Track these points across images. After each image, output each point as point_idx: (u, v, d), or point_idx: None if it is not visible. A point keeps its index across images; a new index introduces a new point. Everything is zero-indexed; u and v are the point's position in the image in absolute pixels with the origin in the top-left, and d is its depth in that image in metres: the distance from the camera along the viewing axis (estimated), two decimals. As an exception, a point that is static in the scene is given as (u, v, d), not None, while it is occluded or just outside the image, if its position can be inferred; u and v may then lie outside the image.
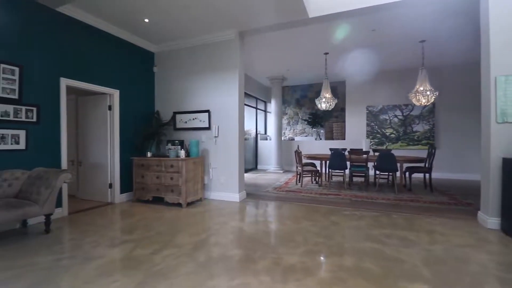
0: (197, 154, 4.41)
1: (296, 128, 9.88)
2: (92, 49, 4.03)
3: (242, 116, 4.63)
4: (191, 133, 4.86)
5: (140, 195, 4.41)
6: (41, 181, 2.99)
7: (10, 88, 3.09)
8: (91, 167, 4.60)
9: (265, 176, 7.56)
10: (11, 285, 1.88)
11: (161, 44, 5.03)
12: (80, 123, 4.74)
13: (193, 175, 4.28)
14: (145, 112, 5.00)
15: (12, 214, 2.59)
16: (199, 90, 4.79)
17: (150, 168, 4.30)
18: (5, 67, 3.04)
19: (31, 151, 3.29)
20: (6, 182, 2.97)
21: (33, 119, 3.30)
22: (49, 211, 2.93)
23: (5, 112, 3.05)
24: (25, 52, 3.23)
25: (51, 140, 3.52)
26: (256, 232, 2.96)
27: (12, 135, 3.11)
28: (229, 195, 4.52)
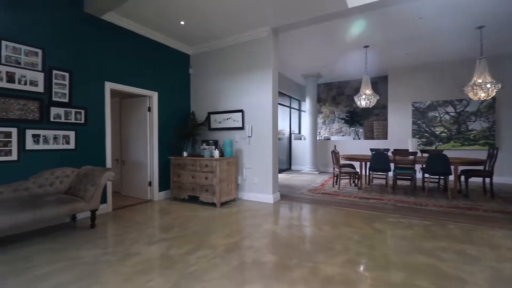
0: (231, 154, 4.39)
1: (332, 127, 9.46)
2: (132, 54, 4.23)
3: (276, 115, 4.50)
4: (225, 133, 4.86)
5: (177, 194, 4.53)
6: (88, 179, 3.19)
7: (61, 92, 3.35)
8: (132, 165, 4.85)
9: (299, 177, 7.34)
10: (59, 278, 1.99)
11: (196, 46, 5.12)
12: (123, 124, 5.04)
13: (227, 175, 4.26)
14: (181, 113, 5.13)
15: (62, 210, 2.79)
16: (233, 90, 4.77)
17: (185, 168, 4.39)
18: (57, 73, 3.30)
19: (79, 150, 3.55)
20: (58, 179, 3.22)
21: (81, 121, 3.55)
22: (94, 207, 3.12)
23: (57, 115, 3.31)
24: (74, 58, 3.48)
25: (97, 140, 3.76)
26: (291, 237, 2.81)
27: (63, 136, 3.37)
28: (262, 196, 4.43)
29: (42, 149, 3.17)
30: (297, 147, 9.00)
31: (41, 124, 3.17)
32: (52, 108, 3.25)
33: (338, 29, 4.75)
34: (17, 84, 2.96)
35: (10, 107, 2.91)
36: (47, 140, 3.21)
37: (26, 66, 3.04)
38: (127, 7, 3.68)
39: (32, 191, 2.98)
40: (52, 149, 3.26)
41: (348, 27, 4.66)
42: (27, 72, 3.04)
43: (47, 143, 3.21)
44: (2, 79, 2.85)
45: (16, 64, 2.96)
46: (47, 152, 3.22)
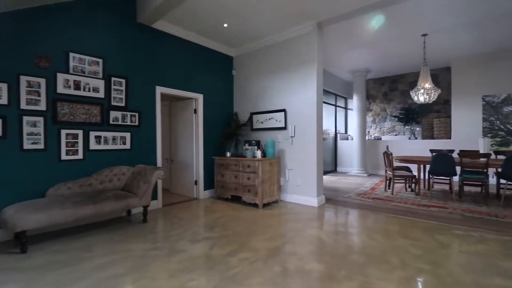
0: (273, 155, 4.31)
1: (383, 126, 8.71)
2: (180, 58, 4.45)
3: (320, 114, 4.28)
4: (267, 133, 4.80)
5: (220, 193, 4.62)
6: (140, 177, 3.42)
7: (119, 97, 3.66)
8: (180, 165, 5.11)
9: (346, 179, 6.91)
10: (114, 269, 2.14)
11: (238, 48, 5.17)
12: (172, 125, 5.34)
13: (269, 176, 4.19)
14: (225, 114, 5.23)
15: (119, 205, 3.03)
16: (275, 89, 4.68)
17: (229, 168, 4.45)
18: (115, 80, 3.62)
19: (134, 150, 3.84)
20: (115, 177, 3.53)
21: (135, 123, 3.84)
22: (146, 203, 3.33)
23: (116, 118, 3.63)
24: (129, 65, 3.78)
25: (149, 141, 4.03)
26: (338, 245, 2.60)
27: (120, 137, 3.68)
28: (306, 198, 4.24)
29: (103, 149, 3.51)
30: (344, 147, 8.51)
31: (102, 126, 3.50)
32: (111, 112, 3.58)
33: (391, 18, 4.31)
34: (82, 91, 3.32)
35: (77, 111, 3.27)
36: (107, 140, 3.55)
37: (90, 75, 3.39)
38: (175, 14, 3.86)
39: (94, 187, 3.31)
40: (111, 149, 3.58)
41: (404, 14, 4.19)
42: (90, 80, 3.39)
43: (107, 143, 3.55)
44: (70, 86, 3.22)
45: (81, 73, 3.32)
46: (106, 151, 3.55)
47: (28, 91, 2.92)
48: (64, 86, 3.17)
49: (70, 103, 3.21)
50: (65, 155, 3.19)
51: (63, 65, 3.18)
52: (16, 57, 2.85)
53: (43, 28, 3.02)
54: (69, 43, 3.22)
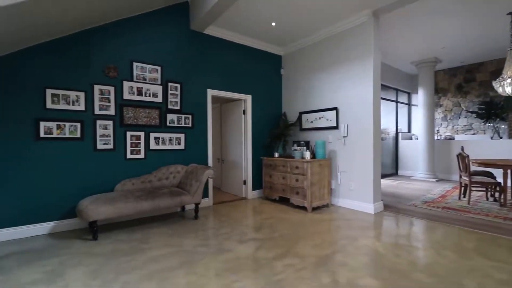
0: (324, 156, 4.08)
1: (457, 123, 7.53)
2: (229, 61, 4.56)
3: (377, 111, 3.88)
4: (317, 133, 4.58)
5: (268, 194, 4.58)
6: (192, 175, 3.61)
7: (174, 101, 3.93)
8: (230, 164, 5.25)
9: (409, 184, 6.16)
10: (166, 262, 2.28)
11: (287, 46, 5.06)
12: (223, 126, 5.52)
13: (319, 179, 3.98)
14: (273, 114, 5.19)
15: (173, 201, 3.25)
16: (325, 86, 4.43)
17: (276, 168, 4.38)
18: (171, 85, 3.90)
19: (187, 150, 4.07)
20: (171, 175, 3.79)
21: (189, 125, 4.08)
22: (197, 201, 3.49)
23: (172, 120, 3.90)
24: (183, 70, 4.03)
25: (201, 141, 4.23)
26: (399, 260, 2.29)
27: (176, 138, 3.95)
28: (360, 204, 3.90)
29: (161, 149, 3.81)
30: (406, 148, 7.63)
31: (160, 128, 3.81)
32: (168, 114, 3.86)
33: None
34: (144, 96, 3.65)
35: (139, 115, 3.62)
36: (164, 141, 3.84)
37: (150, 81, 3.72)
38: (223, 18, 3.97)
39: (153, 183, 3.62)
40: (167, 149, 3.87)
41: (483, -9, 3.52)
42: (151, 86, 3.71)
43: (164, 144, 3.84)
44: (134, 93, 3.58)
45: (143, 80, 3.66)
46: (164, 151, 3.85)
47: (100, 98, 3.34)
48: (129, 93, 3.54)
49: (133, 108, 3.57)
50: (130, 154, 3.55)
51: (128, 74, 3.55)
52: (90, 69, 3.28)
53: (111, 41, 3.42)
54: (133, 53, 3.58)
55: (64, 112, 3.11)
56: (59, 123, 3.08)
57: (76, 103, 3.18)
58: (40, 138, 2.98)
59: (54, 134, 3.06)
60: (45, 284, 1.94)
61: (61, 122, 3.09)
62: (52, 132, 3.04)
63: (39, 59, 2.99)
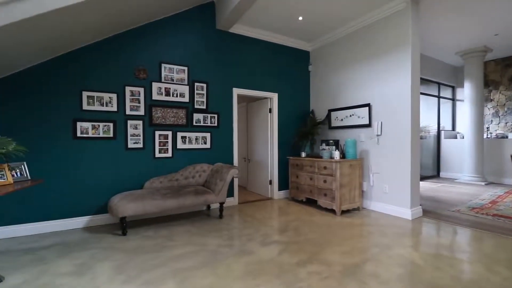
0: (354, 156, 3.83)
1: (510, 120, 6.66)
2: (255, 59, 4.50)
3: (416, 107, 3.54)
4: (348, 131, 4.32)
5: (295, 194, 4.44)
6: (218, 175, 3.61)
7: (200, 100, 3.97)
8: (256, 164, 5.20)
9: (453, 188, 5.59)
10: (188, 262, 2.29)
11: (315, 41, 4.86)
12: (249, 125, 5.49)
13: (349, 180, 3.75)
14: (300, 112, 5.02)
15: (198, 200, 3.27)
16: (357, 82, 4.16)
17: (303, 169, 4.22)
18: (197, 85, 3.94)
19: (213, 149, 4.10)
20: (197, 173, 3.84)
21: (214, 124, 4.09)
22: (222, 200, 3.48)
23: (198, 120, 3.95)
24: (209, 70, 4.05)
25: (227, 140, 4.23)
26: (440, 274, 2.04)
27: (202, 137, 3.99)
28: (395, 209, 3.60)
29: (187, 148, 3.87)
30: (450, 148, 6.94)
31: (187, 127, 3.87)
32: (194, 114, 3.91)
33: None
34: (171, 96, 3.74)
35: (167, 115, 3.71)
36: (190, 140, 3.90)
37: (177, 82, 3.79)
38: (249, 15, 3.91)
39: (180, 182, 3.69)
40: (193, 148, 3.92)
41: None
42: (178, 86, 3.78)
43: (190, 143, 3.90)
44: (162, 93, 3.67)
45: (171, 80, 3.74)
46: (190, 150, 3.91)
47: (131, 99, 3.48)
48: (157, 93, 3.64)
49: (162, 108, 3.67)
50: (158, 153, 3.66)
51: (157, 75, 3.65)
52: (121, 71, 3.43)
53: (141, 44, 3.54)
54: (161, 55, 3.68)
55: (98, 113, 3.29)
56: (94, 123, 3.26)
57: (109, 104, 3.34)
58: (77, 137, 3.18)
59: (90, 134, 3.25)
60: (76, 275, 2.04)
61: (96, 122, 3.27)
62: (88, 131, 3.24)
63: (76, 63, 3.19)
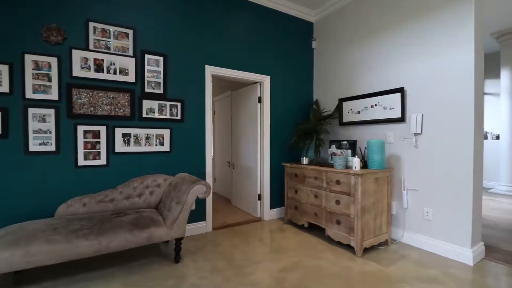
0: (382, 165, 2.58)
1: (557, 117, 5.45)
2: (239, 28, 3.23)
3: (480, 95, 2.30)
4: (367, 129, 3.08)
5: (293, 216, 3.19)
6: (175, 193, 2.34)
7: (155, 81, 2.69)
8: (241, 171, 3.93)
9: (494, 202, 4.37)
10: None
11: (320, 7, 3.60)
12: (233, 120, 4.22)
13: (375, 201, 2.50)
14: (300, 103, 3.77)
15: (136, 238, 2.00)
16: (381, 58, 2.91)
17: (305, 181, 2.97)
18: (150, 58, 2.66)
19: (175, 153, 2.82)
20: (148, 190, 2.56)
21: (177, 116, 2.82)
22: (178, 234, 2.22)
23: (150, 109, 2.67)
24: (168, 38, 2.77)
25: (196, 140, 2.96)
26: None
27: (156, 135, 2.71)
28: (445, 246, 2.36)
29: (132, 151, 2.60)
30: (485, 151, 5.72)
31: (132, 121, 2.59)
32: (144, 101, 2.64)
33: None
34: (105, 73, 2.46)
35: (98, 101, 2.43)
36: (138, 140, 2.62)
37: (116, 51, 2.51)
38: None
39: (117, 203, 2.41)
40: (143, 151, 2.65)
41: None
42: (117, 59, 2.50)
43: (138, 144, 2.62)
44: (90, 67, 2.39)
45: (105, 49, 2.46)
46: (137, 155, 2.63)
47: (36, 74, 2.20)
48: (82, 67, 2.36)
49: (89, 90, 2.39)
50: (83, 160, 2.38)
51: (81, 39, 2.37)
52: (18, 29, 2.14)
53: (50, -13, 2.26)
54: (89, 8, 2.39)
55: (-30, 94, 2.02)
56: (-39, 111, 1.98)
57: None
58: None
59: (-45, 129, 1.97)
60: None
61: (-34, 109, 1.99)
62: (-50, 125, 1.96)
63: None
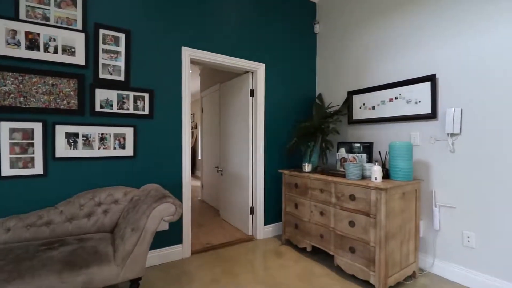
0: (409, 175, 1.96)
1: None
2: (227, 3, 2.61)
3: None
4: (387, 128, 2.47)
5: (292, 236, 2.58)
6: (132, 214, 1.72)
7: (113, 65, 2.07)
8: (230, 179, 3.32)
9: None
10: None
11: (327, -19, 3.00)
12: (222, 119, 3.60)
13: (401, 223, 1.90)
14: (300, 97, 3.16)
15: (68, 284, 1.37)
16: (403, 40, 2.31)
17: (308, 193, 2.36)
18: (106, 34, 2.04)
19: (141, 158, 2.20)
20: (101, 207, 1.94)
21: (143, 111, 2.20)
22: (133, 274, 1.59)
23: (107, 101, 2.05)
24: (133, 9, 2.15)
25: (170, 141, 2.34)
26: None
27: (115, 135, 2.09)
28: (493, 282, 1.76)
29: (82, 156, 1.97)
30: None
31: (81, 116, 1.97)
32: (98, 90, 2.01)
33: None
34: (42, 52, 1.83)
35: (31, 89, 1.80)
36: (89, 142, 2.00)
37: (58, 23, 1.88)
38: None
39: (56, 227, 1.78)
40: (97, 156, 2.02)
41: None
42: (58, 33, 1.88)
43: (89, 146, 2.00)
44: (20, 44, 1.76)
45: (43, 19, 1.84)
46: (89, 161, 2.00)
47: None
48: (8, 43, 1.74)
49: (18, 75, 1.76)
50: (8, 169, 1.75)
51: (8, 5, 1.75)
52: None
53: None
54: (17, -36, 1.77)
55: None
56: None
57: None
58: None
59: None
60: None
61: None
62: None
63: None
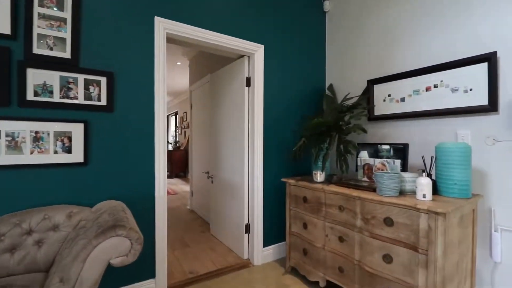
0: (467, 190, 1.41)
1: None
2: (214, -37, 2.05)
3: None
4: (423, 125, 1.92)
5: (299, 264, 2.01)
6: (67, 253, 1.14)
7: (54, 36, 1.48)
8: (222, 188, 2.74)
9: None
10: None
11: None
12: (212, 115, 3.02)
13: (458, 259, 1.35)
14: (306, 87, 2.60)
15: None
16: (444, 11, 1.76)
17: (321, 210, 1.80)
18: (42, -9, 1.45)
19: (96, 165, 1.61)
20: (32, 237, 1.35)
21: (99, 101, 1.61)
22: None
23: (44, 87, 1.46)
24: (85, -38, 1.57)
25: (137, 142, 1.76)
26: None
27: (56, 134, 1.50)
28: None
29: (4, 164, 1.38)
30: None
31: (4, 107, 1.38)
32: (30, 70, 1.42)
33: None
34: None
35: None
36: (16, 143, 1.40)
37: (-37, -31, 1.29)
38: None
39: (-47, 272, 1.19)
40: (28, 163, 1.43)
41: None
42: (-35, -16, 1.28)
43: (16, 150, 1.40)
44: None
45: None
46: (16, 170, 1.41)
47: None
48: None
49: None
50: None
51: None
52: None
53: None
54: None
55: None
56: None
57: None
58: None
59: None
60: None
61: None
62: None
63: None
